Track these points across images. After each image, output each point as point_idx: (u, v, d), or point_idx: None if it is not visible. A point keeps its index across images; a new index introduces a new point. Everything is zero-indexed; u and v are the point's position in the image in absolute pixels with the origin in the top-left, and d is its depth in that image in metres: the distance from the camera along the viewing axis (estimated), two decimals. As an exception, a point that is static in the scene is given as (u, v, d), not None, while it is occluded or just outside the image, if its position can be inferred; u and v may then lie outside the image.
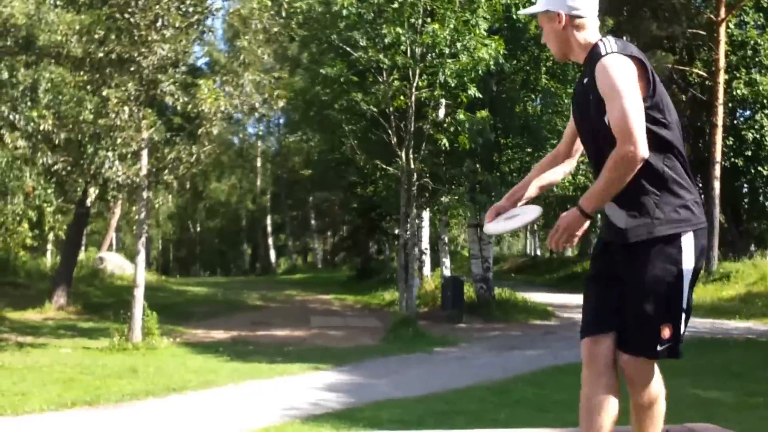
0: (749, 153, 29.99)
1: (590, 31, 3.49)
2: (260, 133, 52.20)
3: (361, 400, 10.65)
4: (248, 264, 55.95)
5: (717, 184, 27.16)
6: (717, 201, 27.32)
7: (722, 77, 27.68)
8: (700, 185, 32.97)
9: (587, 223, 3.33)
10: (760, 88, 29.10)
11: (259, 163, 52.89)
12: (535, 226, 50.12)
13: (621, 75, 3.24)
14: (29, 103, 18.20)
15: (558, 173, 3.88)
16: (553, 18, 3.48)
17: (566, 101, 22.16)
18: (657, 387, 3.56)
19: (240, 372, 12.97)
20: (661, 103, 3.37)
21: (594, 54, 3.39)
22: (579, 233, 3.35)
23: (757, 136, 29.53)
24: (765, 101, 29.50)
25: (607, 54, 3.30)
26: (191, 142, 16.63)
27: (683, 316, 3.40)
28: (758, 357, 14.40)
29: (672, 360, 3.37)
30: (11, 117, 16.92)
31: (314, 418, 9.49)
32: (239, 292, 29.71)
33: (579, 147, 3.79)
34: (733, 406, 9.90)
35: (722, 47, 27.74)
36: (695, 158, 32.11)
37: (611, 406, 3.40)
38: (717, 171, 27.22)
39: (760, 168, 30.53)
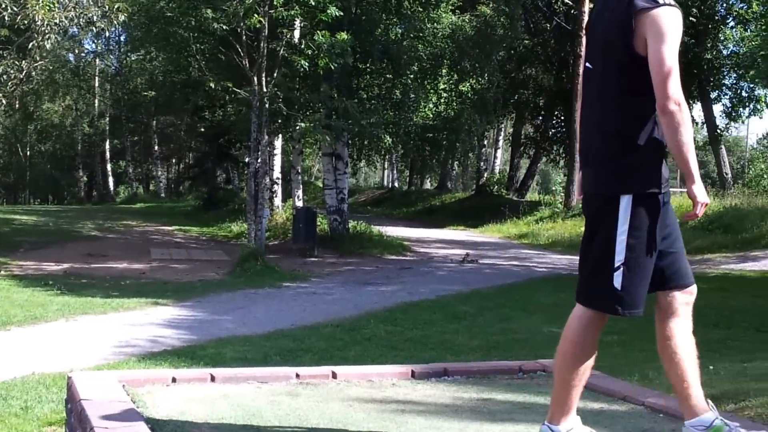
0: (612, 85, 30.66)
1: None
2: (99, 50, 50.42)
3: (204, 336, 10.58)
4: (84, 192, 54.43)
5: (578, 117, 27.82)
6: (578, 134, 28.04)
7: (587, 6, 28.15)
8: (562, 117, 33.90)
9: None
10: (624, 18, 29.71)
11: (97, 84, 51.15)
12: (394, 159, 50.58)
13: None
14: None
15: None
16: None
17: (429, 26, 22.21)
18: None
19: (71, 306, 12.66)
20: None
21: None
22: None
23: (620, 67, 30.19)
24: (628, 32, 30.16)
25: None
26: (20, 56, 15.90)
27: None
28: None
29: (529, 298, 3.53)
30: None
31: (152, 355, 9.36)
32: (73, 221, 28.93)
33: None
34: (586, 343, 10.27)
35: (586, -25, 28.22)
36: (559, 90, 32.94)
37: None
38: (579, 103, 27.84)
39: (621, 101, 31.41)
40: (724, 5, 34.46)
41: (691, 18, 30.33)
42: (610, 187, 3.64)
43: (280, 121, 21.61)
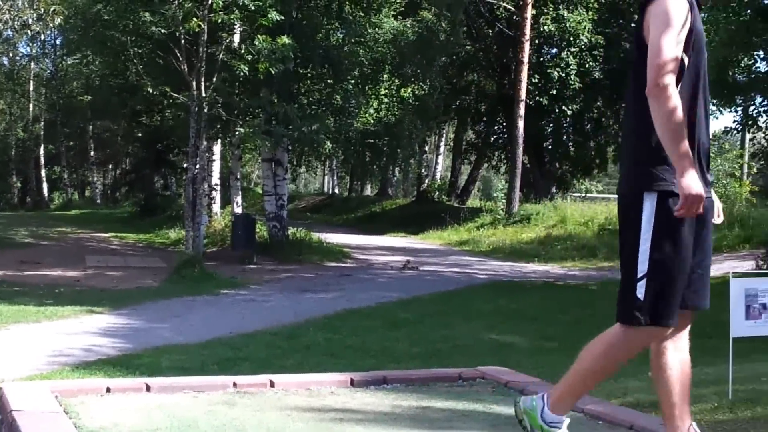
0: (554, 92, 30.94)
1: None
2: (34, 53, 49.67)
3: (140, 345, 10.43)
4: (17, 198, 53.54)
5: (521, 123, 28.01)
6: (521, 141, 28.22)
7: (530, 12, 28.45)
8: (504, 124, 34.12)
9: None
10: (567, 24, 30.01)
11: (31, 87, 50.35)
12: (334, 165, 50.56)
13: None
14: None
15: None
16: None
17: (370, 31, 22.24)
18: None
19: (3, 315, 12.40)
20: None
21: None
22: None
23: (563, 74, 30.44)
24: (571, 39, 30.42)
25: None
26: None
27: None
28: (555, 301, 15.15)
29: (469, 305, 3.50)
30: None
31: (86, 365, 9.20)
32: (6, 228, 28.47)
33: None
34: (527, 350, 10.39)
35: (530, -20, 28.45)
36: (501, 96, 33.17)
37: None
38: (522, 110, 28.05)
39: (564, 107, 31.66)
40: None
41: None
42: (634, 185, 3.52)
43: (219, 126, 21.48)
